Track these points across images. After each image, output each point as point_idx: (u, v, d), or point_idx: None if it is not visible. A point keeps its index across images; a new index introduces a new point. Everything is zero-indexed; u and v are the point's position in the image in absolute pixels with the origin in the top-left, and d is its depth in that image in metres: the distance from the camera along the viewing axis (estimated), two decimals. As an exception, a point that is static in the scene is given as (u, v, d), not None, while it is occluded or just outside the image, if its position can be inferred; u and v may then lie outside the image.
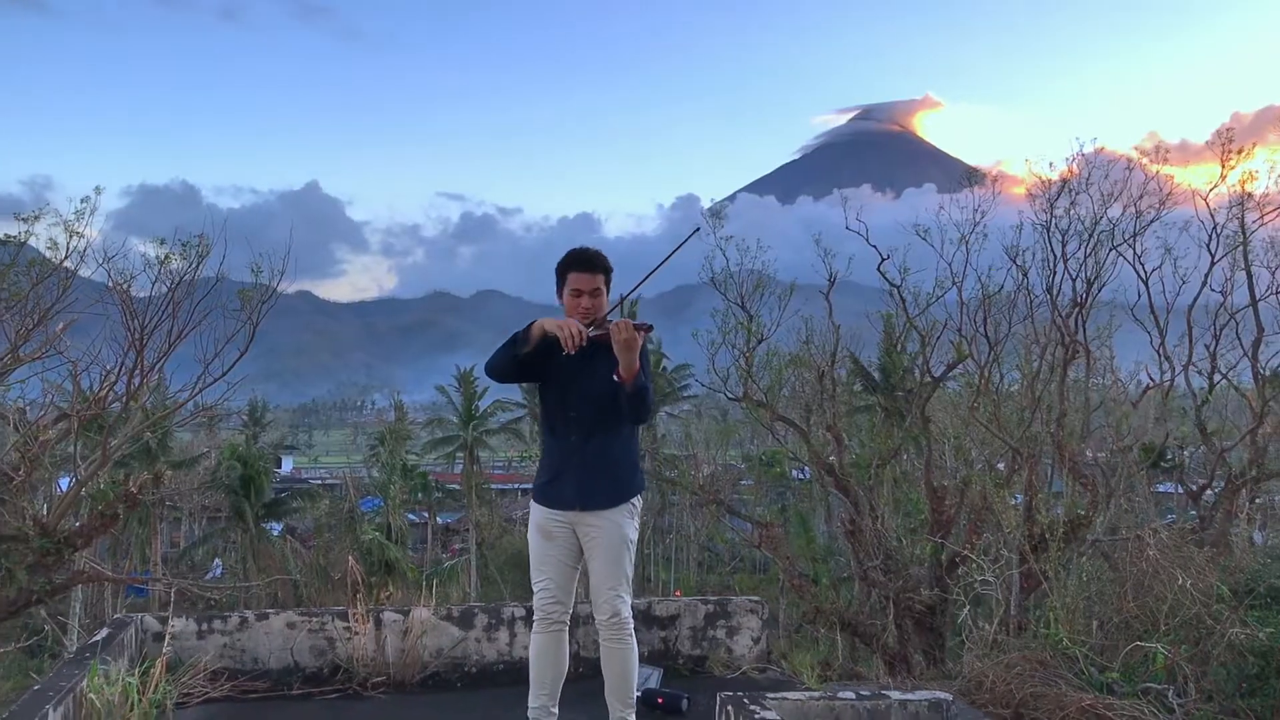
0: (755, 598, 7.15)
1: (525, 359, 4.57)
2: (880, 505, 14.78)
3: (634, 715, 4.98)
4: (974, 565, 10.34)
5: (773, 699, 4.65)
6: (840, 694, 4.77)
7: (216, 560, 42.64)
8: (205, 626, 6.32)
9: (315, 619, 6.48)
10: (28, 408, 13.36)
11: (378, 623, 6.44)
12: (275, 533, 42.61)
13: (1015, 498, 12.96)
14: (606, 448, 4.78)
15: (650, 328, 4.55)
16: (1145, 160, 12.66)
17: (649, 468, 32.69)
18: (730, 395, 15.34)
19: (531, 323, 4.54)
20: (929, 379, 14.61)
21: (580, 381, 4.68)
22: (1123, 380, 15.16)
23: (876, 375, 31.98)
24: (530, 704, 4.98)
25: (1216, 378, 11.93)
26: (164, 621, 6.10)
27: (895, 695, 4.83)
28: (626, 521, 4.84)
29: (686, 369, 45.62)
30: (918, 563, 13.19)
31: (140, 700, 4.71)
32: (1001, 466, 13.83)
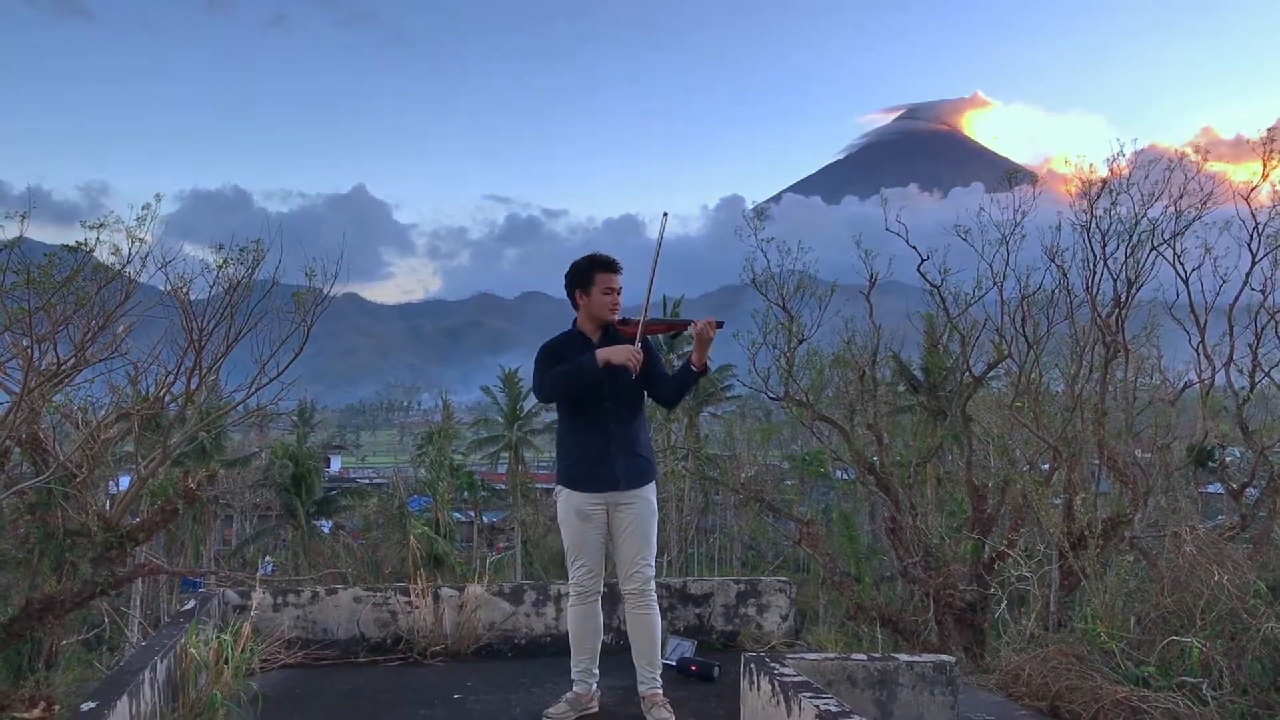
0: (784, 579, 7.53)
1: (589, 385, 5.21)
2: (922, 504, 14.88)
3: (660, 675, 5.43)
4: (1012, 562, 10.45)
5: (792, 658, 5.05)
6: (853, 656, 5.19)
7: (268, 558, 43.34)
8: (280, 600, 6.90)
9: (379, 594, 7.02)
10: (90, 408, 13.80)
11: (436, 598, 6.96)
12: (325, 530, 43.28)
13: (1059, 498, 13.01)
14: (638, 432, 5.40)
15: (721, 324, 5.33)
16: (1191, 157, 12.67)
17: (692, 467, 32.98)
18: (772, 395, 15.52)
19: (592, 357, 5.13)
20: (969, 378, 14.69)
21: (616, 376, 5.20)
22: (1171, 380, 15.09)
23: (919, 375, 31.92)
24: (574, 668, 5.50)
25: (1258, 376, 11.94)
26: (245, 595, 6.69)
27: (904, 658, 5.23)
28: (654, 497, 5.44)
29: (729, 369, 45.77)
30: (959, 560, 13.27)
31: (233, 655, 5.20)
32: (1047, 467, 13.87)
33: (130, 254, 11.68)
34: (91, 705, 4.10)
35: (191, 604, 6.17)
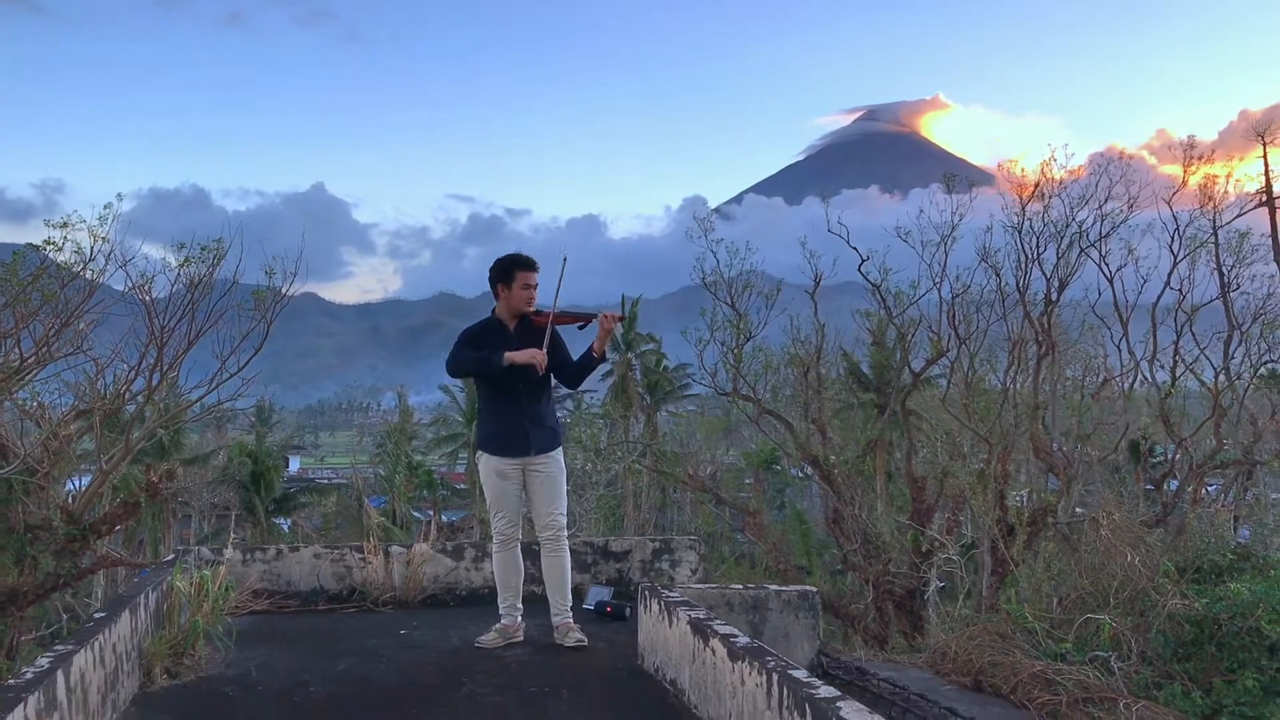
0: (694, 536, 8.47)
1: (492, 377, 6.09)
2: (863, 494, 15.31)
3: (570, 608, 6.34)
4: (940, 546, 10.88)
5: (680, 587, 6.12)
6: (731, 586, 6.21)
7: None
8: (249, 556, 7.72)
9: (336, 551, 7.88)
10: (47, 406, 13.92)
11: (386, 555, 7.82)
12: (285, 528, 43.21)
13: (1020, 496, 13.48)
14: (546, 407, 6.31)
15: (624, 318, 5.87)
16: (1129, 161, 13.16)
17: (650, 463, 33.57)
18: (720, 390, 15.93)
19: (501, 356, 5.94)
20: (909, 374, 15.12)
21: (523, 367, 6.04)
22: (1116, 378, 15.57)
23: (869, 373, 32.37)
24: (501, 604, 6.38)
25: (1179, 370, 12.48)
26: (217, 552, 7.48)
27: (773, 588, 6.27)
28: (562, 459, 6.38)
29: (685, 369, 46.10)
30: (901, 549, 13.69)
31: (213, 590, 5.87)
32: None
33: (93, 252, 11.89)
34: (101, 614, 4.78)
35: (170, 557, 6.94)
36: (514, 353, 5.95)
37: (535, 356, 5.92)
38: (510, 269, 6.19)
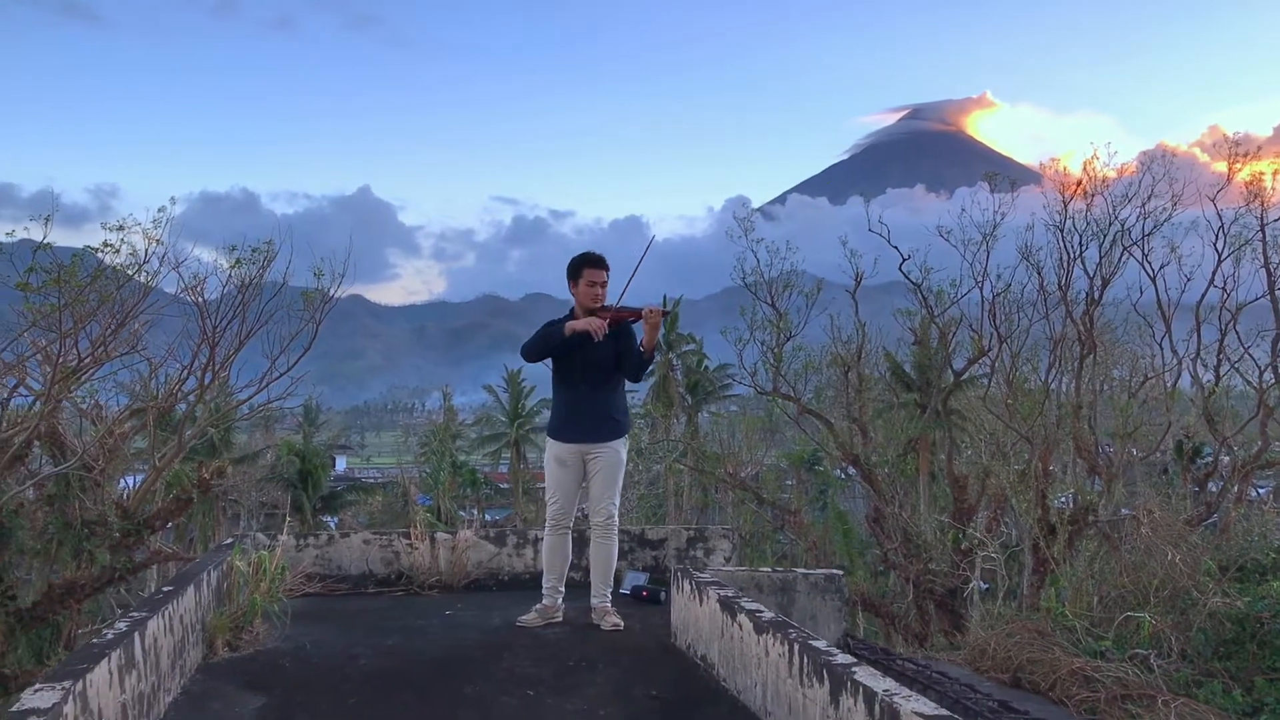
0: (728, 527, 8.84)
1: (558, 350, 6.43)
2: (905, 493, 15.29)
3: (610, 593, 6.66)
4: (979, 544, 10.89)
5: (711, 569, 6.42)
6: (760, 569, 6.50)
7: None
8: (302, 541, 8.09)
9: (385, 537, 8.24)
10: (103, 405, 14.31)
11: (432, 541, 8.16)
12: (332, 526, 43.77)
13: (1064, 497, 13.43)
14: (608, 397, 6.62)
15: (669, 312, 6.17)
16: (1161, 160, 13.09)
17: (690, 463, 33.73)
18: (760, 389, 16.00)
19: (563, 326, 6.36)
20: (951, 374, 15.10)
21: (589, 351, 6.41)
22: (1165, 377, 15.43)
23: (912, 373, 32.21)
24: (544, 585, 6.72)
25: (1224, 369, 12.38)
26: (273, 537, 7.73)
27: (800, 570, 6.51)
28: (622, 449, 6.67)
29: (726, 369, 46.07)
30: (942, 549, 13.68)
31: (270, 569, 6.27)
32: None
33: (147, 255, 12.21)
34: (169, 588, 5.11)
35: (228, 541, 7.23)
36: (574, 321, 6.33)
37: (592, 324, 6.23)
38: (579, 267, 6.54)
